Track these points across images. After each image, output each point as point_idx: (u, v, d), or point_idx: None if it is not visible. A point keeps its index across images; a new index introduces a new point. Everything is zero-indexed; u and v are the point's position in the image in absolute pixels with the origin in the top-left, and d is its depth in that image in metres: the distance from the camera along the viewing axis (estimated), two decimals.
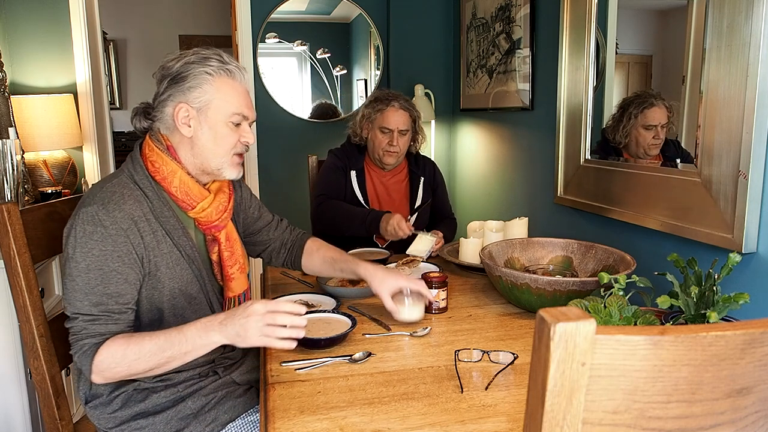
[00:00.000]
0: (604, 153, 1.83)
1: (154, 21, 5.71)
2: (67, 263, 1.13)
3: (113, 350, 1.10)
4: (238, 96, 1.24)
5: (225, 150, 1.24)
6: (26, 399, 1.89)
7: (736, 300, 1.01)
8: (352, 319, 1.31)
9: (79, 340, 1.11)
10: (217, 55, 1.23)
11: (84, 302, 1.12)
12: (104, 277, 1.12)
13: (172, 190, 1.22)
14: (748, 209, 1.28)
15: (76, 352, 1.12)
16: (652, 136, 1.62)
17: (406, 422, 0.95)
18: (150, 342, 1.09)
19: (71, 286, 1.12)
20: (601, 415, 0.52)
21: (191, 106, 1.21)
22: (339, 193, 2.14)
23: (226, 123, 1.23)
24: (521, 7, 2.39)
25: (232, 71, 1.23)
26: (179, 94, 1.20)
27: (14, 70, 2.68)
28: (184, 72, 1.20)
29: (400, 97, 2.14)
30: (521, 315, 1.43)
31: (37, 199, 2.50)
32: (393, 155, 2.12)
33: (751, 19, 1.25)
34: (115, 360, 1.09)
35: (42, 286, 1.90)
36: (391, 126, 2.09)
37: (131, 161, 1.24)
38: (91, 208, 1.13)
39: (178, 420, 1.21)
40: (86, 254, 1.12)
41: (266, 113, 3.21)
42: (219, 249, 1.30)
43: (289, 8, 3.18)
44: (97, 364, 1.10)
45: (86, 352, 1.10)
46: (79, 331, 1.12)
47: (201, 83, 1.20)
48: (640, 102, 1.65)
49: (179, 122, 1.21)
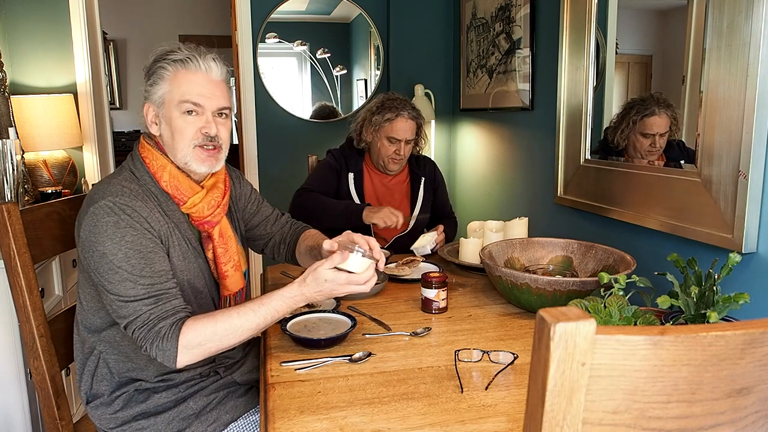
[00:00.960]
0: (605, 153, 1.83)
1: (154, 21, 5.71)
2: (101, 260, 1.10)
3: (200, 328, 1.09)
4: (189, 84, 1.19)
5: (184, 143, 1.20)
6: (26, 399, 1.89)
7: (736, 300, 1.01)
8: (352, 319, 1.31)
9: (151, 328, 1.08)
10: (178, 48, 1.20)
11: (137, 288, 1.09)
12: (146, 259, 1.11)
13: (162, 185, 1.22)
14: (748, 209, 1.28)
15: (153, 339, 1.08)
16: (649, 144, 1.62)
17: (406, 422, 0.95)
18: (238, 317, 1.11)
19: (117, 278, 1.09)
20: (601, 415, 0.52)
21: (153, 104, 1.22)
22: (327, 191, 2.13)
23: (179, 114, 1.19)
24: (521, 7, 2.39)
25: (186, 62, 1.19)
26: (147, 93, 1.22)
27: (14, 70, 2.68)
28: (150, 69, 1.21)
29: (408, 105, 2.11)
30: (521, 315, 1.43)
31: (37, 199, 2.50)
32: (398, 162, 2.13)
33: (751, 19, 1.25)
34: (205, 336, 1.09)
35: (42, 286, 1.90)
36: (400, 137, 2.08)
37: (131, 159, 1.25)
38: (106, 201, 1.12)
39: (180, 420, 1.21)
40: (120, 243, 1.10)
41: (266, 113, 3.21)
42: (213, 245, 1.29)
43: (289, 8, 3.18)
44: (186, 343, 1.08)
45: (167, 334, 1.08)
46: (146, 319, 1.09)
47: (158, 79, 1.20)
48: (643, 108, 1.64)
49: (149, 122, 1.23)
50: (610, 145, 1.78)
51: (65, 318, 1.37)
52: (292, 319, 1.32)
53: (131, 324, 1.10)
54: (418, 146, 2.22)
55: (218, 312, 1.13)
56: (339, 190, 2.15)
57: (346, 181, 2.15)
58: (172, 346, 1.08)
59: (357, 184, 2.16)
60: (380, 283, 1.60)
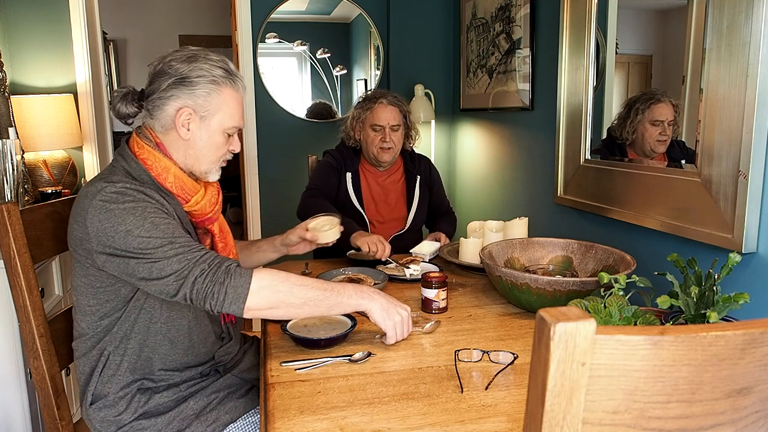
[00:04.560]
0: (609, 152, 1.82)
1: (154, 21, 5.70)
2: (127, 239, 1.08)
3: (271, 274, 1.11)
4: (239, 109, 1.28)
5: (217, 157, 1.28)
6: (26, 399, 1.89)
7: (736, 300, 1.01)
8: (352, 319, 1.31)
9: (219, 266, 1.09)
10: (224, 62, 1.25)
11: (176, 247, 1.09)
12: (172, 225, 1.13)
13: (167, 186, 1.22)
14: (748, 209, 1.28)
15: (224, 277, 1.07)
16: (659, 132, 1.62)
17: (406, 422, 0.95)
18: (313, 290, 1.15)
19: (153, 245, 1.08)
20: (601, 415, 0.52)
21: (196, 111, 1.21)
22: (331, 191, 2.13)
23: (223, 133, 1.26)
24: (521, 7, 2.39)
25: (236, 82, 1.26)
26: (186, 97, 1.20)
27: (14, 70, 2.68)
28: (192, 77, 1.20)
29: (388, 94, 2.14)
30: (521, 315, 1.43)
31: (37, 199, 2.50)
32: (388, 152, 2.11)
33: (751, 19, 1.24)
34: (279, 280, 1.11)
35: (42, 286, 1.90)
36: (382, 122, 2.08)
37: (123, 158, 1.23)
38: (113, 187, 1.12)
39: (180, 420, 1.21)
40: (143, 215, 1.10)
41: (266, 113, 3.21)
42: (213, 241, 1.32)
43: (289, 8, 3.18)
44: (259, 280, 1.09)
45: (238, 271, 1.09)
46: (210, 261, 1.09)
47: (210, 92, 1.21)
48: (647, 98, 1.64)
49: (179, 124, 1.21)
50: (617, 141, 1.77)
51: (65, 318, 1.37)
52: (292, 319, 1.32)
53: (191, 273, 1.08)
54: (411, 139, 2.20)
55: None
56: (339, 190, 2.15)
57: (344, 181, 2.15)
58: (246, 282, 1.07)
59: (354, 183, 2.15)
60: (380, 283, 1.60)
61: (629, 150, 1.73)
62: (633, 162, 1.71)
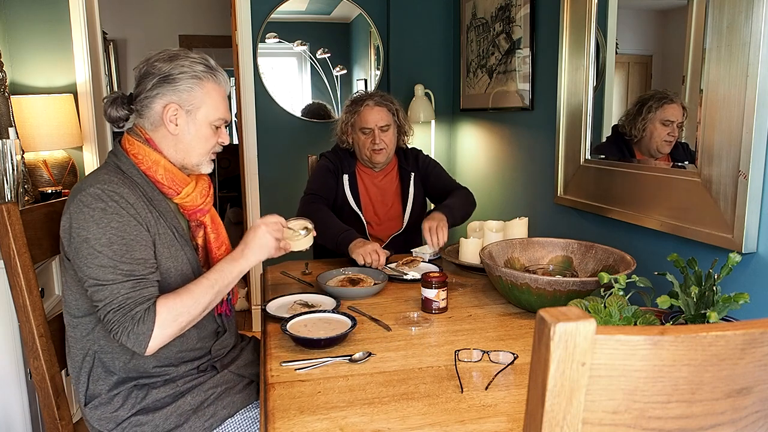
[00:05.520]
0: (614, 149, 1.81)
1: (154, 21, 5.70)
2: (82, 245, 1.12)
3: (170, 305, 1.14)
4: (223, 101, 1.32)
5: (206, 149, 1.32)
6: (26, 399, 1.89)
7: (736, 300, 1.01)
8: (352, 319, 1.31)
9: (127, 312, 1.11)
10: (204, 59, 1.30)
11: (116, 274, 1.12)
12: (128, 246, 1.14)
13: (158, 178, 1.26)
14: (748, 209, 1.28)
15: (128, 324, 1.10)
16: (668, 132, 1.62)
17: (406, 422, 0.95)
18: (197, 288, 1.18)
19: (96, 262, 1.12)
20: (601, 415, 0.52)
21: (181, 106, 1.26)
22: (329, 194, 2.11)
23: (210, 125, 1.30)
24: (521, 7, 2.39)
25: (218, 76, 1.31)
26: (170, 93, 1.25)
27: (14, 70, 2.68)
28: (175, 74, 1.25)
29: (375, 95, 2.11)
30: (521, 315, 1.43)
31: (37, 199, 2.50)
32: (380, 153, 2.08)
33: (751, 19, 1.25)
34: (177, 311, 1.14)
35: (42, 286, 1.90)
36: (370, 125, 2.06)
37: (115, 156, 1.28)
38: (94, 188, 1.15)
39: (177, 416, 1.22)
40: (105, 228, 1.13)
41: (266, 113, 3.21)
42: (205, 232, 1.35)
43: (289, 8, 3.18)
44: (161, 322, 1.12)
45: (143, 317, 1.11)
46: (122, 302, 1.12)
47: (193, 87, 1.26)
48: (661, 97, 1.65)
49: (167, 120, 1.26)
50: (625, 137, 1.76)
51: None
52: (292, 319, 1.32)
53: (107, 307, 1.12)
54: (403, 135, 2.16)
55: (179, 289, 1.18)
56: (337, 192, 2.14)
57: (342, 183, 2.14)
58: (148, 329, 1.11)
59: (351, 185, 2.14)
60: (380, 283, 1.60)
61: (635, 148, 1.73)
62: (633, 162, 1.71)
